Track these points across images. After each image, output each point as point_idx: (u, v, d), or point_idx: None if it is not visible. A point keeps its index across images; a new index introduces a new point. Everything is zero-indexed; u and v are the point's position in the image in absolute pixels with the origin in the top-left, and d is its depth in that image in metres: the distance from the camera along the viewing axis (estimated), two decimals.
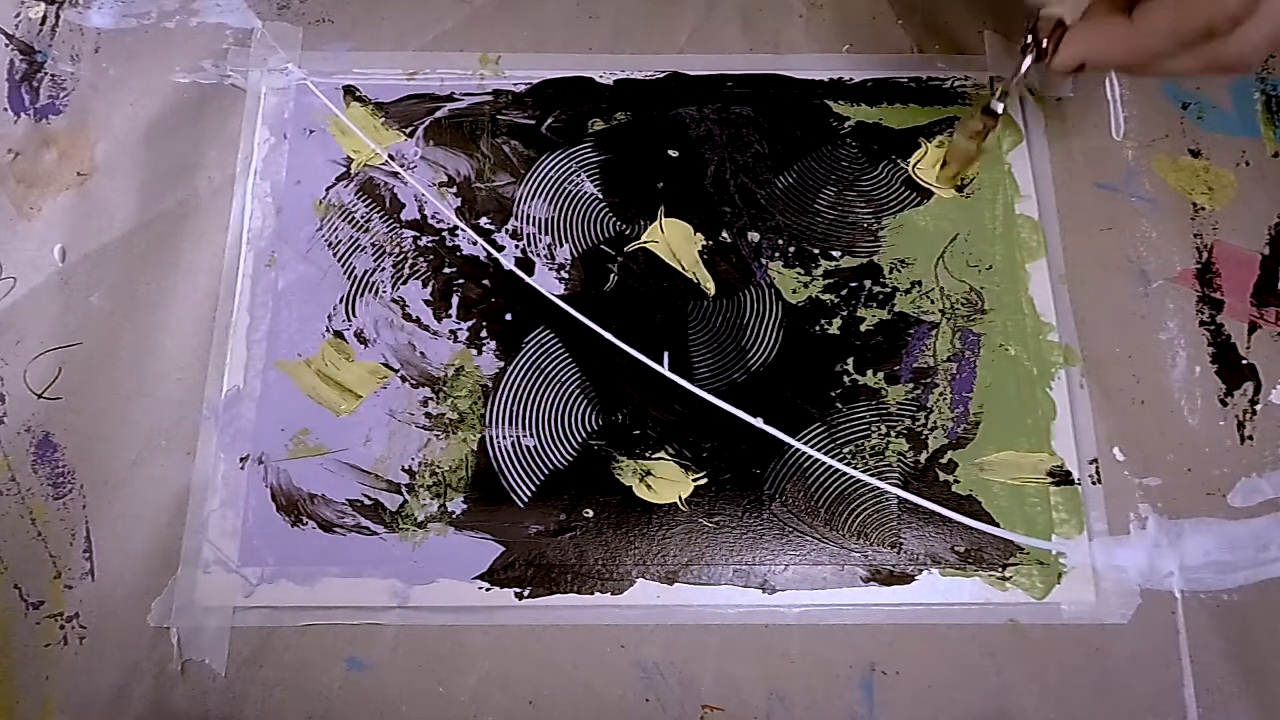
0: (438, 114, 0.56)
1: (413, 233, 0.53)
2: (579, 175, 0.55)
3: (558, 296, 0.52)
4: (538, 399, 0.50)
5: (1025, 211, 0.54)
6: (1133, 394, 0.50)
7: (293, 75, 0.57)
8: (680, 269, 0.53)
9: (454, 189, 0.54)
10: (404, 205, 0.54)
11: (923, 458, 0.49)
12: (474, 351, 0.51)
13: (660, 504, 0.48)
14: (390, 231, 0.53)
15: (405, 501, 0.48)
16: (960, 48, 0.58)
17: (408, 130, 0.55)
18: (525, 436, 0.49)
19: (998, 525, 0.47)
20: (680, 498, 0.48)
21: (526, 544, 0.47)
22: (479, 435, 0.49)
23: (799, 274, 0.52)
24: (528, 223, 0.54)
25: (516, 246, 0.53)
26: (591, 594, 0.47)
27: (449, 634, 0.46)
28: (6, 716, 0.44)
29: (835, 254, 0.53)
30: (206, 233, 0.53)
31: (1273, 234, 0.53)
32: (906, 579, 0.47)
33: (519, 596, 0.46)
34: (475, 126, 0.56)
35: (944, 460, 0.49)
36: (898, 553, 0.47)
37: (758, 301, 0.52)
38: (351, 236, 0.53)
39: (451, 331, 0.51)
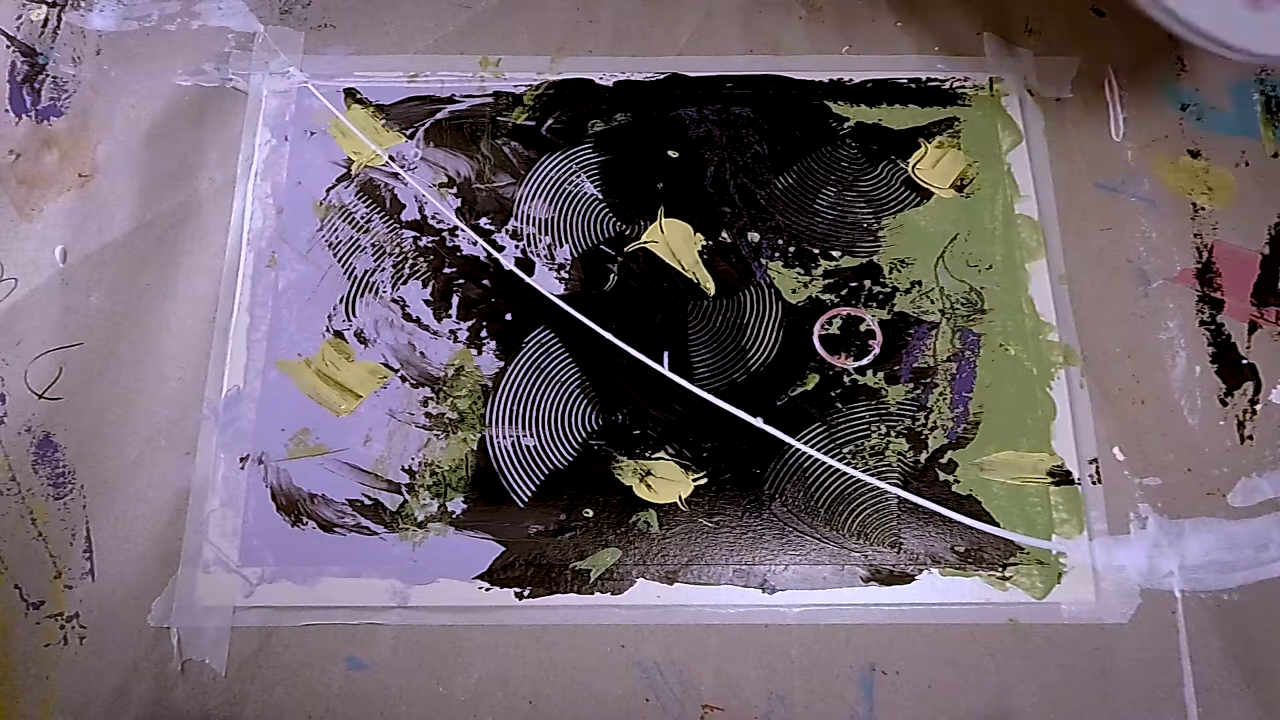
0: (438, 116, 0.56)
1: (413, 233, 0.53)
2: (579, 176, 0.55)
3: (558, 296, 0.52)
4: (538, 399, 0.50)
5: (1025, 211, 0.54)
6: (1133, 394, 0.50)
7: (294, 78, 0.57)
8: (680, 269, 0.53)
9: (454, 190, 0.54)
10: (404, 206, 0.54)
11: (923, 457, 0.49)
12: (474, 351, 0.51)
13: (660, 503, 0.48)
14: (390, 232, 0.53)
15: (405, 501, 0.48)
16: (960, 48, 0.58)
17: (408, 132, 0.56)
18: (525, 436, 0.49)
19: (998, 525, 0.47)
20: (680, 498, 0.48)
21: (526, 544, 0.47)
22: (479, 435, 0.49)
23: (799, 274, 0.52)
24: (528, 223, 0.54)
25: (516, 247, 0.53)
26: (591, 594, 0.47)
27: (449, 634, 0.46)
28: (6, 716, 0.44)
29: (835, 254, 0.53)
30: (207, 233, 0.53)
31: (1273, 234, 0.53)
32: (906, 579, 0.47)
33: (519, 596, 0.46)
34: (475, 128, 0.56)
35: (944, 460, 0.49)
36: (898, 553, 0.47)
37: (758, 301, 0.52)
38: (352, 237, 0.53)
39: (451, 331, 0.51)
